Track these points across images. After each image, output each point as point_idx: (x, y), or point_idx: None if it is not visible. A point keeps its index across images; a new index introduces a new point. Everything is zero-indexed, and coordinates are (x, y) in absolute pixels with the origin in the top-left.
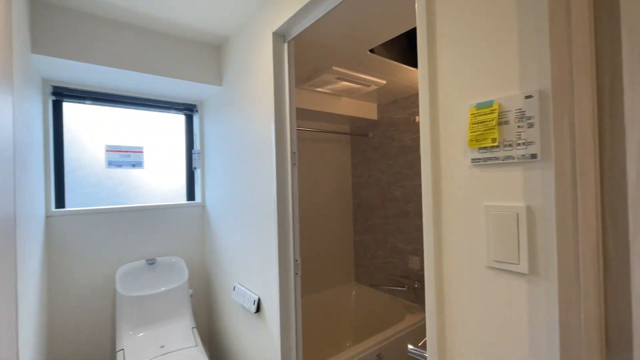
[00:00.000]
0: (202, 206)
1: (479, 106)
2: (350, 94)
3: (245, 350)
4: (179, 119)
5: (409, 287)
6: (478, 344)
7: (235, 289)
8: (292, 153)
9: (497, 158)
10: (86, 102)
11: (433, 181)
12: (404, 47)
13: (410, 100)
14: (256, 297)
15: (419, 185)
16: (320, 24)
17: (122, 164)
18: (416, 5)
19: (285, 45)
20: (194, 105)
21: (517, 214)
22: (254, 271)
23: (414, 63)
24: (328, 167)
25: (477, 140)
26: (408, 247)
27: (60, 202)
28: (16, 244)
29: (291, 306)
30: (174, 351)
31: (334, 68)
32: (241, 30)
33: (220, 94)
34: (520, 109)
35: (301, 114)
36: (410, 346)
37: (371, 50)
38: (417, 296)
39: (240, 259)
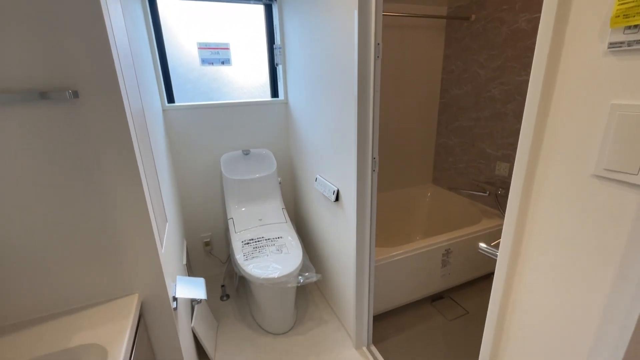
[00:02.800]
0: (285, 103)
1: None
2: None
3: (325, 231)
4: (259, 10)
5: (491, 193)
6: (556, 250)
7: (317, 180)
8: (376, 44)
9: None
10: None
11: (547, 72)
12: None
13: None
14: (335, 189)
15: (526, 81)
16: None
17: (213, 61)
18: None
19: None
20: None
21: None
22: (334, 165)
23: None
24: (415, 60)
25: (625, 16)
26: (497, 153)
27: (170, 98)
28: (147, 128)
29: (367, 199)
30: (270, 224)
31: None
32: None
33: None
34: None
35: None
36: (482, 244)
37: None
38: (498, 202)
39: (321, 153)
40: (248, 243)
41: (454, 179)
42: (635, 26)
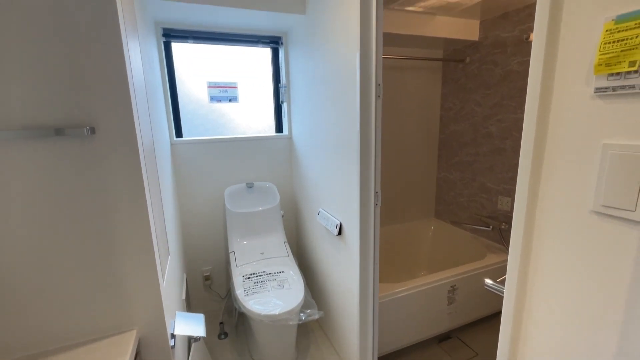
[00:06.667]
0: (289, 138)
1: (620, 19)
2: (448, 11)
3: (328, 265)
4: (266, 53)
5: (495, 227)
6: (562, 286)
7: (320, 214)
8: (377, 85)
9: (632, 87)
10: (189, 40)
11: (539, 113)
12: None
13: (525, 13)
14: (338, 222)
15: (521, 119)
16: None
17: (221, 98)
18: None
19: None
20: (279, 38)
21: None
22: (337, 199)
23: None
24: (414, 98)
25: (607, 65)
26: (498, 187)
27: (178, 132)
28: (156, 161)
29: (370, 233)
30: (271, 258)
31: None
32: None
33: (303, 23)
34: None
35: (387, 39)
36: (487, 280)
37: None
38: (502, 237)
39: (324, 187)
40: (249, 278)
41: (456, 213)
42: (618, 73)
